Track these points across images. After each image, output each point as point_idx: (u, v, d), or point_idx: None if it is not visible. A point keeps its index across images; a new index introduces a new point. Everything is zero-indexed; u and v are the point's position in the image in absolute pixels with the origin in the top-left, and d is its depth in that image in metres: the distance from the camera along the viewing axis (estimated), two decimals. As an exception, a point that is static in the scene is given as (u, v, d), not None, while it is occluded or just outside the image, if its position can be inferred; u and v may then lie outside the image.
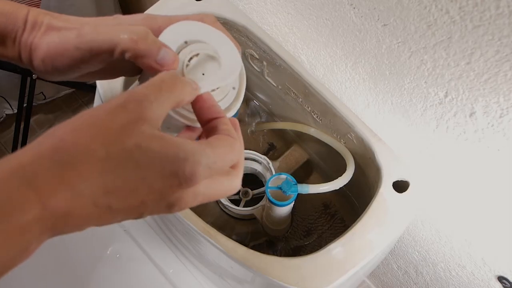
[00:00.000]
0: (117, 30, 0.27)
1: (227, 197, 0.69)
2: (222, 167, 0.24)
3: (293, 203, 0.54)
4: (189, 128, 0.30)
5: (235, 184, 0.26)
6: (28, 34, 0.28)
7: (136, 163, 0.21)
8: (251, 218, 0.68)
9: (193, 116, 0.28)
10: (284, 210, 0.56)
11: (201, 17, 0.31)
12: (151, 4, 0.57)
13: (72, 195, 0.19)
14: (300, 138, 0.71)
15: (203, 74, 0.29)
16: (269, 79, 0.64)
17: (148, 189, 0.21)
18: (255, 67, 0.64)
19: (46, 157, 0.20)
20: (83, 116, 0.21)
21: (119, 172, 0.20)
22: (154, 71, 0.27)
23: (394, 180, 0.49)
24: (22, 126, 1.19)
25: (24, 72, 1.07)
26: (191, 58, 0.29)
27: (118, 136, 0.21)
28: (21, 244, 0.19)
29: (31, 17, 0.28)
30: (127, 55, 0.27)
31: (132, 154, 0.21)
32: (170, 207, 0.23)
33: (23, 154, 0.20)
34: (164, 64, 0.27)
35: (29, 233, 0.19)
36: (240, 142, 0.27)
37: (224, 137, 0.25)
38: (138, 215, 0.22)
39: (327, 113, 0.55)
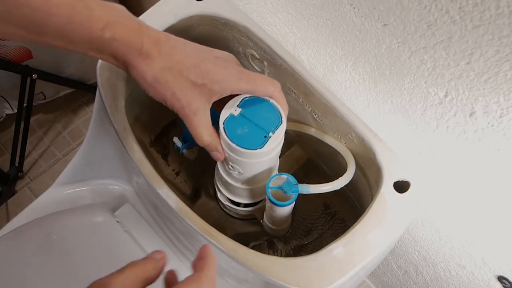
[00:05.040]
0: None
1: (227, 198, 0.69)
2: None
3: (293, 203, 0.54)
4: None
5: None
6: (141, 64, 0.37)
7: None
8: (251, 218, 0.68)
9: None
10: (284, 210, 0.56)
11: (270, 83, 0.43)
12: (151, 5, 0.57)
13: None
14: (301, 138, 0.71)
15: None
16: (269, 79, 0.64)
17: None
18: (255, 67, 0.64)
19: None
20: None
21: None
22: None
23: (395, 180, 0.49)
24: (22, 126, 1.19)
25: (24, 72, 1.07)
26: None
27: None
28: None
29: (145, 49, 0.36)
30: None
31: None
32: None
33: None
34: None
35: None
36: None
37: None
38: None
39: (327, 113, 0.55)
